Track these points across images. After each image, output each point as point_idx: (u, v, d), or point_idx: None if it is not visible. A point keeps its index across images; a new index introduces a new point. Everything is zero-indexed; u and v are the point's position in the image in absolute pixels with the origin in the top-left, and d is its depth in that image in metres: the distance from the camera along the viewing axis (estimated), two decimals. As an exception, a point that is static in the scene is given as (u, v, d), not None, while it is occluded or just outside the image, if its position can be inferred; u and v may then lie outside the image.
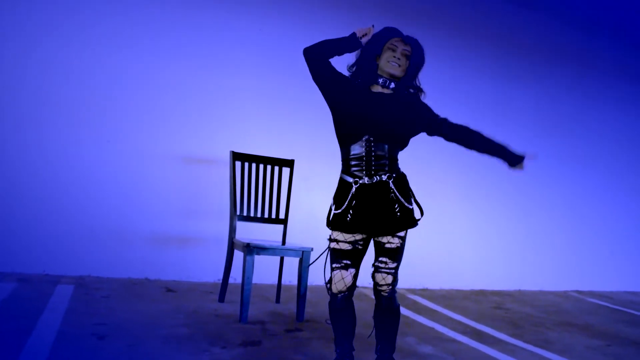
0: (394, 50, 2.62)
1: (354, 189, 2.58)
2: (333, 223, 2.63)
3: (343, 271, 2.60)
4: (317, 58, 2.61)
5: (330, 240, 2.65)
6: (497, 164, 5.96)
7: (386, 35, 2.65)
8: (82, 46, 4.27)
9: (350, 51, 2.67)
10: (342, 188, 2.64)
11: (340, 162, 2.68)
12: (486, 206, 5.83)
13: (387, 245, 2.59)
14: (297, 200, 4.45)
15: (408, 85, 2.68)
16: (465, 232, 5.67)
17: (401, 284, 2.82)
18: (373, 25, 2.70)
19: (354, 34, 2.65)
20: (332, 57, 2.64)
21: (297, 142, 4.80)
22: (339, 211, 2.61)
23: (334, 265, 2.63)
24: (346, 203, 2.59)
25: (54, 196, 4.17)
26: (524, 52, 6.11)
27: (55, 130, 4.19)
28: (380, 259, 2.60)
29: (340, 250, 2.61)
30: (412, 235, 2.79)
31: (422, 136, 2.79)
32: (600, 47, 6.68)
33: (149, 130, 4.45)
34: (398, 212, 2.57)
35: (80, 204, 4.24)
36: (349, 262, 2.61)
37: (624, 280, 6.75)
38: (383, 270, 2.59)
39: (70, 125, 4.24)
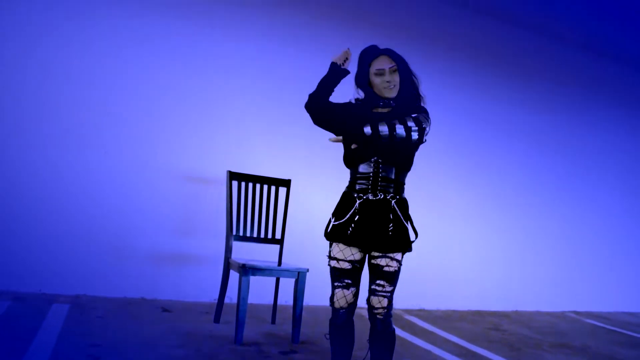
0: (382, 74, 2.66)
1: (357, 204, 2.62)
2: (332, 235, 2.67)
3: (344, 290, 2.65)
4: (319, 104, 2.69)
5: (330, 258, 2.69)
6: (495, 185, 5.94)
7: (367, 59, 2.70)
8: (81, 52, 4.28)
9: (341, 78, 2.76)
10: (345, 201, 2.69)
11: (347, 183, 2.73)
12: (483, 226, 5.83)
13: (386, 269, 2.60)
14: (294, 220, 4.45)
15: (407, 96, 2.72)
16: (462, 252, 5.68)
17: (398, 305, 2.83)
18: (348, 48, 2.78)
19: (333, 63, 2.76)
20: (330, 95, 2.74)
21: (295, 161, 4.82)
22: (338, 222, 2.65)
23: (335, 284, 2.68)
24: (349, 215, 2.63)
25: (50, 213, 4.17)
26: (523, 72, 6.17)
27: (51, 145, 4.20)
28: (377, 282, 2.61)
29: (341, 269, 2.65)
30: (409, 254, 2.80)
31: (421, 156, 2.82)
32: (598, 68, 6.75)
33: (145, 148, 4.46)
34: (391, 230, 2.59)
35: (77, 221, 4.24)
36: (349, 281, 2.65)
37: (622, 300, 6.75)
38: (379, 293, 2.61)
39: (66, 141, 4.24)
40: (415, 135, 2.59)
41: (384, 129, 2.56)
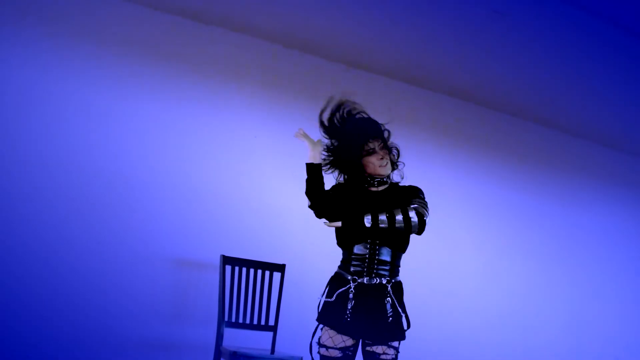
0: (374, 153, 2.63)
1: (352, 288, 2.52)
2: (324, 318, 2.55)
3: None
4: (318, 200, 2.60)
5: (319, 345, 2.55)
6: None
7: (359, 140, 2.62)
8: (71, 139, 4.28)
9: (321, 172, 2.67)
10: (338, 283, 2.57)
11: (339, 262, 2.66)
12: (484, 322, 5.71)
13: (383, 357, 2.50)
14: (288, 306, 4.34)
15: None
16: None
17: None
18: (299, 129, 2.79)
19: (308, 165, 2.66)
20: (322, 186, 2.62)
21: (289, 246, 4.75)
22: (330, 300, 2.54)
23: None
24: (342, 295, 2.52)
25: (32, 300, 4.00)
26: (515, 156, 6.23)
27: (37, 231, 4.08)
28: None
29: (330, 357, 2.51)
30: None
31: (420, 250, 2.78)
32: (589, 154, 6.81)
33: (134, 230, 4.33)
34: (390, 318, 2.50)
35: (61, 309, 4.04)
36: None
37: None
38: None
39: (52, 228, 4.13)
40: (415, 229, 2.54)
41: (383, 219, 2.51)
